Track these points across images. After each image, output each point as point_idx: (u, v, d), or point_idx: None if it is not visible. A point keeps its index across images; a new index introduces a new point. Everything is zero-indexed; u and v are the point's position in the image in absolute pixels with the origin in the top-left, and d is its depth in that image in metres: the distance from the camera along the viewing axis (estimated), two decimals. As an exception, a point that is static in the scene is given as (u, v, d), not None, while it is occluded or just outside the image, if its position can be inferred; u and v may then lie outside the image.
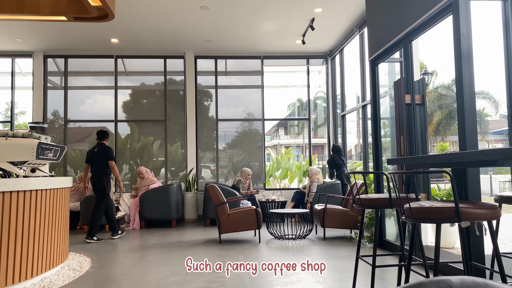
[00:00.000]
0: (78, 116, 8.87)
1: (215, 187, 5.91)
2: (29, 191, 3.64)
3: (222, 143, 9.06)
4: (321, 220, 5.89)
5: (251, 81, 9.22)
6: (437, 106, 24.34)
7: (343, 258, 4.63)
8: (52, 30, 7.35)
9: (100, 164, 6.24)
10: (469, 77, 3.46)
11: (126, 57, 8.86)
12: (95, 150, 6.34)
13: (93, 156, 6.29)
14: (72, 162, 8.74)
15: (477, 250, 3.30)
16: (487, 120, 25.32)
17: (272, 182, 10.13)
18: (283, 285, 3.60)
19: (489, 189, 16.03)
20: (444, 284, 0.69)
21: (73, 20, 4.44)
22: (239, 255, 4.91)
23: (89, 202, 6.87)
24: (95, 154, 6.29)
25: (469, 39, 3.48)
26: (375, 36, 5.29)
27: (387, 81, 5.69)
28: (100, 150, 6.31)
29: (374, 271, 2.88)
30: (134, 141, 8.90)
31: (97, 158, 6.26)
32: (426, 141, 4.37)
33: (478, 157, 1.96)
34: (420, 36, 4.36)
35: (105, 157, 6.27)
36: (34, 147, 4.03)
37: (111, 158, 6.35)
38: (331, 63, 9.01)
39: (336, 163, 7.66)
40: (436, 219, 2.02)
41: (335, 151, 7.84)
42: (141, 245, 5.73)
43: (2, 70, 8.87)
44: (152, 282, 3.77)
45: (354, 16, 6.86)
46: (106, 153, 6.30)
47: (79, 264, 4.49)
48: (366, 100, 6.93)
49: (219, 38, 7.93)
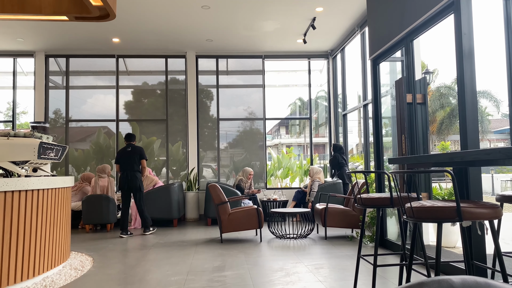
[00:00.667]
0: (79, 115, 8.88)
1: (217, 187, 5.91)
2: (30, 190, 3.65)
3: (223, 142, 9.06)
4: (323, 219, 5.89)
5: (252, 80, 9.21)
6: (438, 105, 24.30)
7: (344, 258, 4.63)
8: (53, 29, 7.36)
9: (134, 163, 6.46)
10: (470, 76, 3.45)
11: (127, 56, 8.87)
12: (128, 149, 6.53)
13: (126, 155, 6.48)
14: (74, 162, 8.75)
15: (479, 250, 3.30)
16: (489, 119, 25.28)
17: (273, 181, 10.13)
18: (284, 284, 3.60)
19: (491, 189, 16.01)
20: (446, 283, 0.69)
21: (74, 20, 4.45)
22: (240, 254, 4.91)
23: (90, 202, 6.88)
24: (128, 153, 6.49)
25: (471, 38, 3.48)
26: (376, 35, 5.28)
27: (388, 80, 5.69)
28: (134, 150, 6.54)
29: (375, 271, 2.88)
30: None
31: (131, 157, 6.46)
32: (427, 140, 4.36)
33: (479, 156, 1.96)
34: (421, 35, 4.35)
35: (140, 156, 6.53)
36: (35, 147, 4.04)
37: (145, 157, 6.65)
38: (333, 62, 9.00)
39: (339, 162, 7.62)
40: (437, 219, 2.02)
41: (336, 150, 7.78)
42: (143, 244, 5.74)
43: (4, 70, 8.89)
44: (154, 281, 3.78)
45: (355, 15, 6.85)
46: (141, 152, 6.58)
47: (81, 264, 4.50)
48: (367, 99, 6.93)
49: (220, 38, 7.93)
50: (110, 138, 8.85)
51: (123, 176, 6.43)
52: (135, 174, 6.43)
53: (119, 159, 6.53)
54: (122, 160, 6.47)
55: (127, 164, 6.43)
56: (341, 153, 7.74)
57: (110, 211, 6.96)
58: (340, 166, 7.62)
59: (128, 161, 6.44)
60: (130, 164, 6.43)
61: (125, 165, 6.44)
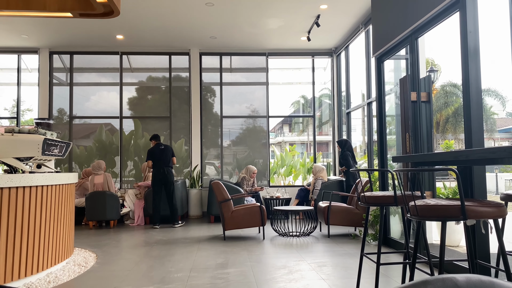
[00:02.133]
0: (83, 112, 8.90)
1: (220, 184, 5.91)
2: (35, 186, 3.67)
3: (226, 140, 9.06)
4: (326, 217, 5.88)
5: (255, 78, 9.20)
6: (442, 104, 24.20)
7: (347, 256, 4.62)
8: (58, 26, 7.38)
9: (168, 159, 7.09)
10: (475, 75, 3.43)
11: (131, 53, 8.88)
12: (161, 147, 7.13)
13: (160, 153, 7.08)
14: (77, 159, 8.78)
15: (483, 249, 3.29)
16: (494, 118, 25.14)
17: (276, 179, 10.13)
18: (287, 281, 3.60)
19: (495, 188, 15.94)
20: (450, 282, 0.69)
21: (78, 17, 4.46)
22: (243, 251, 4.92)
23: (94, 199, 6.91)
24: (162, 151, 7.10)
25: (476, 36, 3.45)
26: (380, 33, 5.26)
27: (392, 78, 5.66)
28: (166, 148, 7.19)
29: (378, 269, 2.88)
30: (138, 137, 8.93)
31: (166, 155, 7.10)
32: (432, 138, 4.35)
33: (484, 155, 1.95)
34: (426, 33, 4.33)
35: (172, 154, 7.22)
36: (40, 143, 4.05)
37: (175, 155, 7.34)
38: (336, 60, 8.97)
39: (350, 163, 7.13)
40: (441, 217, 2.01)
41: (347, 147, 7.28)
42: (146, 241, 5.76)
43: (8, 66, 8.92)
44: (157, 278, 3.79)
45: (359, 12, 6.82)
46: (172, 151, 7.26)
47: (84, 260, 4.52)
48: (371, 97, 6.90)
49: (224, 35, 7.92)
50: (113, 135, 8.87)
51: (158, 172, 7.00)
52: (170, 170, 7.09)
53: (154, 157, 7.07)
54: (157, 158, 7.05)
55: (163, 161, 7.04)
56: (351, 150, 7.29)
57: (113, 207, 6.99)
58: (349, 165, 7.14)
59: (163, 158, 7.05)
60: (165, 161, 7.05)
61: (160, 162, 7.03)
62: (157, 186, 7.02)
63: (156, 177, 7.01)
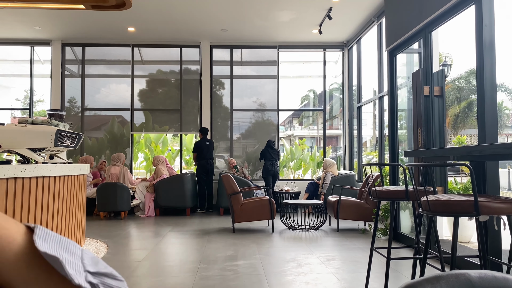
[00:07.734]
0: (94, 104, 8.96)
1: (229, 177, 5.93)
2: (47, 177, 3.71)
3: (236, 133, 9.06)
4: (335, 211, 5.87)
5: (266, 71, 9.16)
6: (453, 98, 23.89)
7: (356, 250, 4.62)
8: (70, 18, 7.42)
9: (212, 153, 7.93)
10: (490, 69, 3.38)
11: (142, 46, 8.90)
12: (207, 142, 7.87)
13: (207, 148, 7.85)
14: (89, 150, 8.86)
15: (494, 245, 3.26)
16: (506, 113, 24.74)
17: (286, 173, 10.13)
18: (296, 275, 3.61)
19: (507, 184, 15.74)
20: (463, 277, 0.68)
21: (91, 9, 4.48)
22: (252, 244, 4.94)
23: (105, 190, 6.98)
24: (208, 145, 7.87)
25: (492, 30, 3.39)
26: (393, 26, 5.20)
27: (404, 72, 5.60)
28: (211, 142, 7.99)
29: (388, 263, 2.87)
30: (148, 129, 8.97)
31: (210, 148, 7.88)
32: (444, 133, 4.30)
33: (498, 150, 1.92)
34: (440, 26, 4.26)
35: (213, 148, 8.04)
36: (52, 134, 4.10)
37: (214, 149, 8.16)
38: (348, 54, 8.89)
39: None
40: (454, 213, 2.00)
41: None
42: (156, 232, 5.81)
43: (21, 58, 9.00)
44: (167, 269, 3.83)
45: (372, 5, 6.74)
46: (214, 145, 8.07)
47: (95, 250, 4.58)
48: (383, 92, 6.84)
49: (235, 28, 7.90)
50: (124, 127, 8.92)
51: (204, 163, 7.78)
52: (212, 162, 7.94)
53: (201, 150, 7.78)
54: (205, 151, 7.80)
55: (209, 154, 7.85)
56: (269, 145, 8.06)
57: (124, 199, 7.06)
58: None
59: (209, 152, 7.85)
60: (210, 154, 7.88)
61: (207, 155, 7.82)
62: (203, 175, 7.79)
63: (202, 168, 7.79)
